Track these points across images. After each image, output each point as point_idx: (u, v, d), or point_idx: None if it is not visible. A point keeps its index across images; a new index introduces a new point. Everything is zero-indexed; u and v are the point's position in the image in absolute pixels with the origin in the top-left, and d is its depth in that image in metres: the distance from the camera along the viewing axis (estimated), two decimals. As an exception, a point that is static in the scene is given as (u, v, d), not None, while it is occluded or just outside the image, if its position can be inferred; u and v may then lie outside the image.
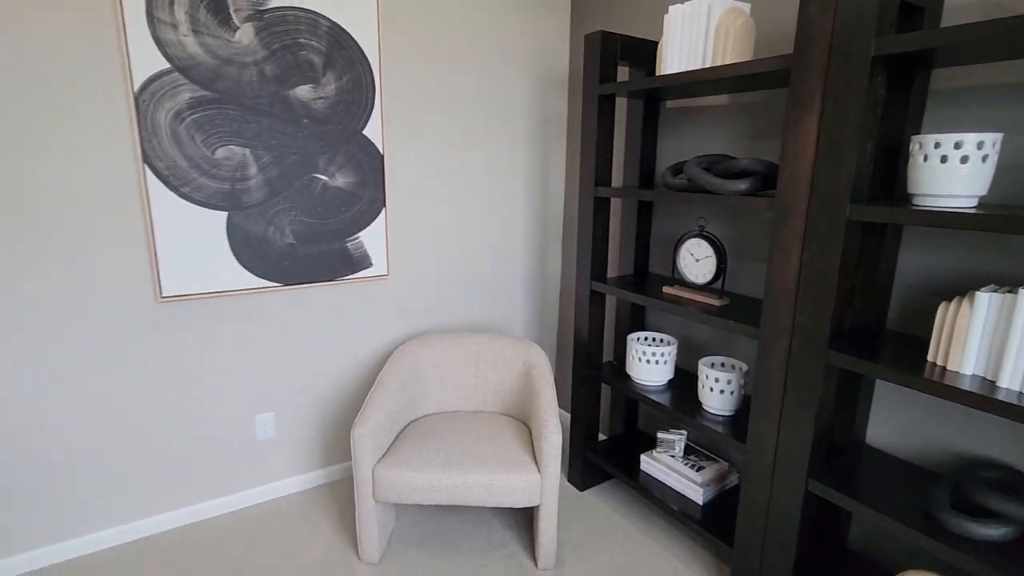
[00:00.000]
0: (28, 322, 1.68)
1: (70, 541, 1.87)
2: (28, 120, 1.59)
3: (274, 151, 1.95)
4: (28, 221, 1.63)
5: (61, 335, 1.74)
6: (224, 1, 1.77)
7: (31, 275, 1.66)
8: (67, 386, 1.78)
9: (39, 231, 1.65)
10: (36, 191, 1.63)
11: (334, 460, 2.38)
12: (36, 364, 1.72)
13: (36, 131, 1.60)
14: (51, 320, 1.72)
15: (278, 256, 2.04)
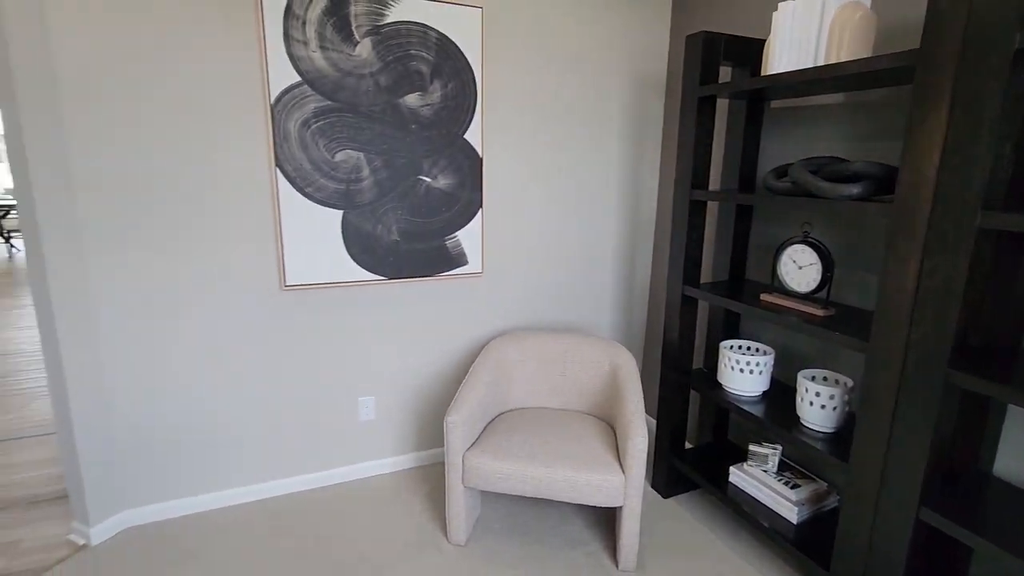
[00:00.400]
0: (183, 301, 1.96)
1: (201, 496, 2.14)
2: (193, 129, 1.84)
3: (384, 155, 2.12)
4: (186, 216, 1.90)
5: (207, 314, 2.00)
6: (348, 19, 1.95)
7: (188, 261, 1.93)
8: (209, 359, 2.04)
9: (194, 224, 1.91)
10: (195, 189, 1.89)
11: (425, 445, 2.52)
12: (188, 337, 1.99)
13: (197, 139, 1.86)
14: (201, 300, 1.98)
15: (384, 252, 2.20)
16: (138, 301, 1.90)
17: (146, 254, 1.88)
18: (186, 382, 2.03)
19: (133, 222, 1.84)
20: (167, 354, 1.98)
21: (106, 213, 1.81)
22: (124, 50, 1.73)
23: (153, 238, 1.88)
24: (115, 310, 1.88)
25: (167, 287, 1.93)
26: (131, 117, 1.77)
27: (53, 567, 1.82)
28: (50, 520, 2.06)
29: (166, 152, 1.84)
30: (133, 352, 1.93)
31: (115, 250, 1.84)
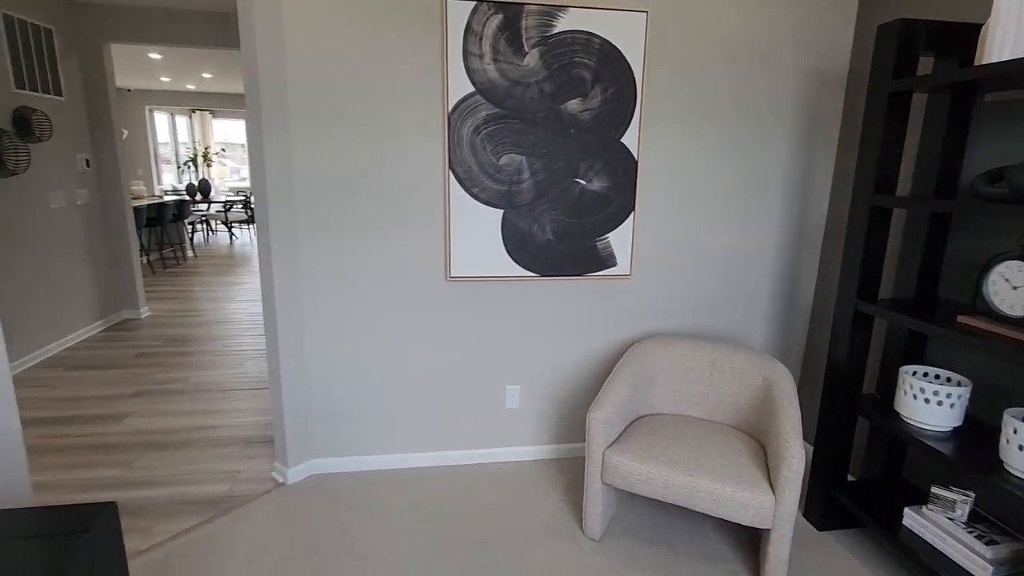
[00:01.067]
0: (365, 285, 2.27)
1: (370, 456, 2.45)
2: (385, 138, 2.13)
3: (544, 158, 2.23)
4: (374, 211, 2.20)
5: (384, 297, 2.29)
6: (519, 32, 2.09)
7: (372, 250, 2.24)
8: (383, 336, 2.34)
9: (380, 219, 2.21)
10: (382, 189, 2.18)
11: (565, 439, 2.60)
12: (368, 316, 2.30)
13: (387, 146, 2.14)
14: (380, 284, 2.28)
15: (538, 250, 2.32)
16: (331, 282, 2.24)
17: (341, 243, 2.21)
18: (363, 355, 2.35)
19: (333, 216, 2.18)
20: (350, 329, 2.31)
21: (314, 209, 2.16)
22: (335, 70, 2.05)
23: (348, 230, 2.20)
24: (314, 289, 2.24)
25: (355, 272, 2.25)
26: (336, 128, 2.10)
27: (261, 496, 2.24)
28: (259, 458, 2.52)
29: (362, 158, 2.14)
30: (324, 325, 2.28)
31: (318, 239, 2.19)
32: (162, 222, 6.89)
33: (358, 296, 2.28)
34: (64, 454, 2.53)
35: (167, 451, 2.58)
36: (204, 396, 3.18)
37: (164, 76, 8.21)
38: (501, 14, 2.07)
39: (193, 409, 3.02)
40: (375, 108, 2.10)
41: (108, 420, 2.87)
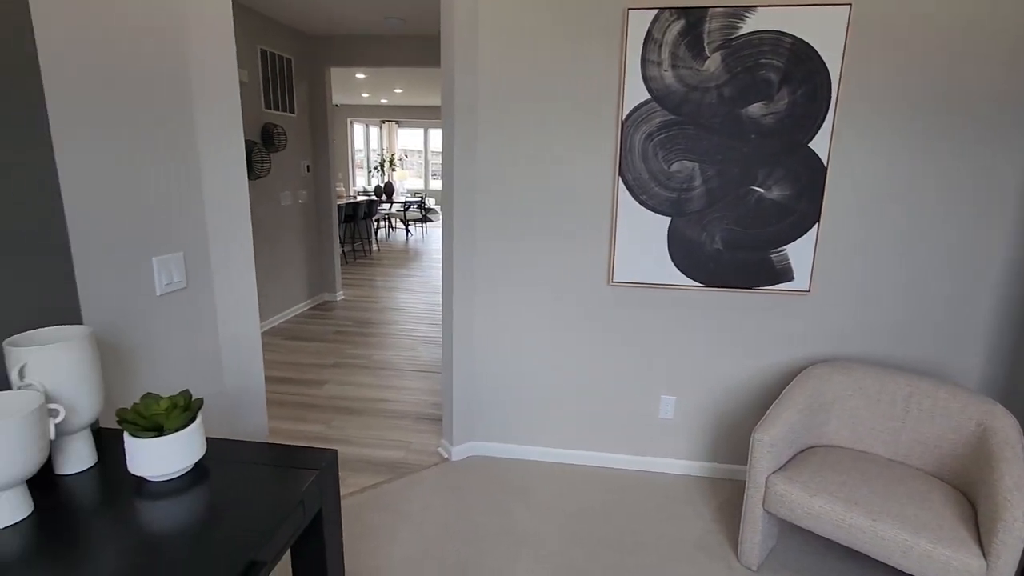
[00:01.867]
0: (532, 283, 2.41)
1: (526, 446, 2.59)
2: (558, 144, 2.25)
3: (718, 165, 2.16)
4: (544, 214, 2.33)
5: (548, 297, 2.42)
6: (701, 36, 2.05)
7: (540, 251, 2.37)
8: (545, 334, 2.46)
9: (549, 222, 2.33)
10: (552, 193, 2.30)
11: (721, 458, 2.48)
12: (532, 313, 2.44)
13: (561, 152, 2.26)
14: (545, 284, 2.40)
15: (705, 259, 2.25)
16: (501, 280, 2.42)
17: (511, 244, 2.38)
18: (526, 350, 2.49)
19: (506, 219, 2.35)
20: (515, 325, 2.46)
21: (490, 211, 2.35)
22: (518, 85, 2.21)
23: (518, 232, 2.36)
24: (487, 285, 2.44)
25: (522, 271, 2.40)
26: (515, 138, 2.26)
27: (429, 467, 2.50)
28: (428, 433, 2.82)
29: (535, 166, 2.28)
30: (493, 319, 2.47)
31: (492, 240, 2.39)
32: (355, 219, 7.95)
33: (524, 294, 2.43)
34: (282, 408, 3.09)
35: (355, 416, 3.00)
36: (383, 372, 3.63)
37: (364, 92, 9.46)
38: (683, 19, 2.05)
39: (375, 383, 3.46)
40: (550, 118, 2.22)
41: (312, 384, 3.43)
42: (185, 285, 1.51)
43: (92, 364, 1.03)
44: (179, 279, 1.49)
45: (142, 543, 0.85)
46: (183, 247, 1.49)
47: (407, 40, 4.76)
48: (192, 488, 1.01)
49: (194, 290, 1.55)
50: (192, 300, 1.54)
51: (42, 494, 0.96)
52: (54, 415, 0.95)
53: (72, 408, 0.99)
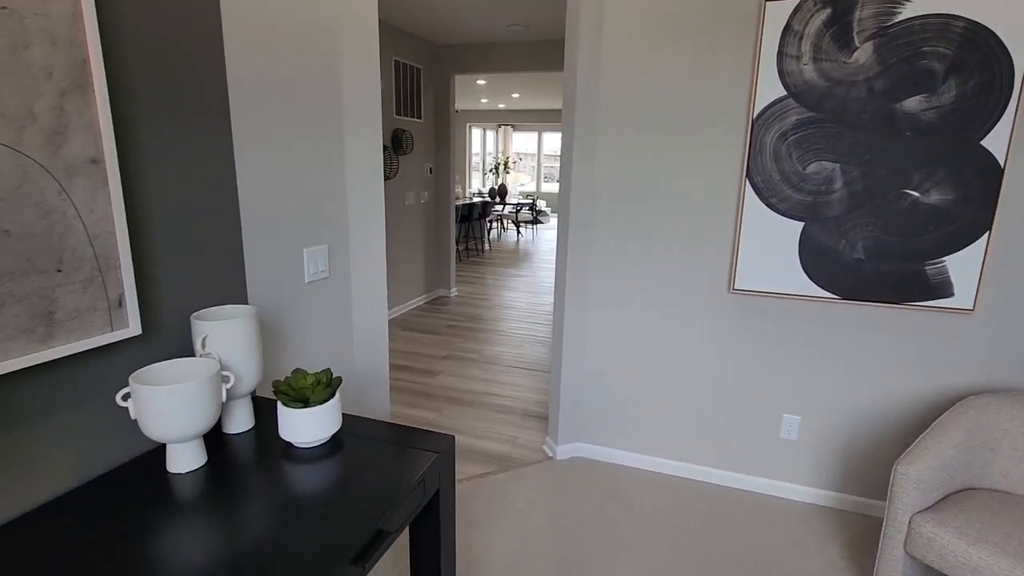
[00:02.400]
0: (645, 288, 2.36)
1: (628, 452, 2.54)
2: (682, 146, 2.18)
3: (864, 166, 1.96)
4: (661, 217, 2.27)
5: (661, 302, 2.35)
6: (849, 25, 1.88)
7: (655, 255, 2.31)
8: (657, 341, 2.40)
9: (666, 225, 2.27)
10: (672, 196, 2.23)
11: (852, 489, 2.25)
12: (644, 319, 2.39)
13: (683, 154, 2.18)
14: (660, 289, 2.34)
15: (843, 269, 2.05)
16: (615, 282, 2.39)
17: (627, 246, 2.34)
18: (637, 354, 2.44)
19: (623, 221, 2.32)
20: (628, 328, 2.42)
21: (607, 214, 2.34)
22: (640, 86, 2.18)
23: (635, 234, 2.32)
24: (600, 287, 2.42)
25: (637, 273, 2.35)
26: (634, 139, 2.23)
27: (533, 464, 2.55)
28: (534, 430, 2.87)
29: (654, 168, 2.23)
30: (605, 322, 2.45)
31: (608, 242, 2.37)
32: (469, 219, 8.27)
33: (638, 298, 2.38)
34: (398, 393, 3.31)
35: (465, 407, 3.13)
36: (492, 368, 3.75)
37: (484, 98, 9.80)
38: (829, 8, 1.88)
39: (484, 377, 3.58)
40: (673, 120, 2.16)
41: (427, 374, 3.63)
42: (328, 275, 1.68)
43: (256, 339, 1.19)
44: (323, 269, 1.66)
45: (288, 501, 0.97)
46: (328, 240, 1.66)
47: (527, 45, 4.87)
48: (330, 457, 1.12)
49: (335, 279, 1.72)
50: (333, 288, 1.71)
51: (213, 449, 1.13)
52: (226, 381, 1.11)
53: (239, 376, 1.15)
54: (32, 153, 0.84)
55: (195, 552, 0.83)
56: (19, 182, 0.83)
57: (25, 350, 0.86)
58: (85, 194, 0.92)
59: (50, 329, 0.89)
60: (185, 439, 1.02)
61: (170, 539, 0.86)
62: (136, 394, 0.95)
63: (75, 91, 0.89)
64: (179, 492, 0.98)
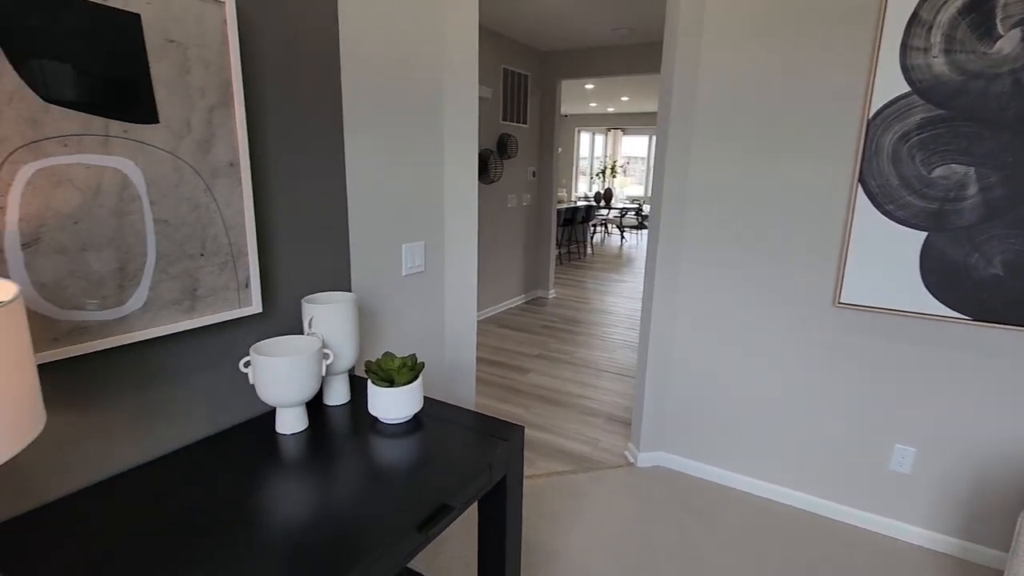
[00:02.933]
0: (739, 298, 2.26)
1: (718, 469, 2.44)
2: (784, 150, 2.07)
3: (1004, 169, 1.73)
4: (758, 224, 2.16)
5: (757, 313, 2.24)
6: (991, 12, 1.67)
7: (751, 263, 2.21)
8: (752, 354, 2.29)
9: (764, 232, 2.16)
10: (772, 203, 2.12)
11: (976, 537, 1.98)
12: (738, 330, 2.29)
13: (786, 158, 2.07)
14: (755, 299, 2.23)
15: (974, 286, 1.82)
16: (704, 290, 2.32)
17: (720, 254, 2.26)
18: (727, 366, 2.34)
19: (717, 227, 2.24)
20: (717, 338, 2.34)
21: (699, 219, 2.27)
22: (741, 87, 2.09)
23: (727, 241, 2.23)
24: (689, 295, 2.36)
25: (729, 282, 2.26)
26: (731, 142, 2.14)
27: (614, 468, 2.54)
28: (616, 435, 2.85)
29: (753, 172, 2.13)
30: (693, 330, 2.38)
31: (699, 248, 2.30)
32: (572, 223, 8.31)
33: (730, 307, 2.28)
34: (488, 387, 3.45)
35: (552, 406, 3.18)
36: (582, 370, 3.76)
37: (592, 102, 9.79)
38: (966, -5, 1.69)
39: (574, 379, 3.61)
40: (773, 121, 2.05)
41: (518, 371, 3.73)
42: (423, 269, 1.83)
43: (354, 323, 1.34)
44: (419, 263, 1.80)
45: (370, 468, 1.09)
46: (424, 237, 1.81)
47: (634, 48, 4.81)
48: (410, 434, 1.24)
49: (429, 274, 1.86)
50: (427, 282, 1.86)
51: (314, 416, 1.29)
52: (326, 358, 1.27)
53: (338, 354, 1.30)
54: (187, 158, 1.03)
55: (292, 498, 0.97)
56: (176, 182, 1.02)
57: (175, 319, 1.06)
58: (224, 192, 1.11)
59: (194, 303, 1.09)
60: (291, 405, 1.18)
61: (274, 485, 1.01)
62: (254, 363, 1.13)
63: (221, 106, 1.08)
64: (284, 450, 1.14)
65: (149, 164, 0.97)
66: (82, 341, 0.92)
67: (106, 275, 0.94)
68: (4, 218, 0.81)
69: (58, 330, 0.89)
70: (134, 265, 0.98)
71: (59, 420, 0.94)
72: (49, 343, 0.88)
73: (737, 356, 2.31)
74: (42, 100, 0.83)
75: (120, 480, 1.01)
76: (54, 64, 0.84)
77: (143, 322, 1.01)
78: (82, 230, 0.90)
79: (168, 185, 1.01)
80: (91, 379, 0.97)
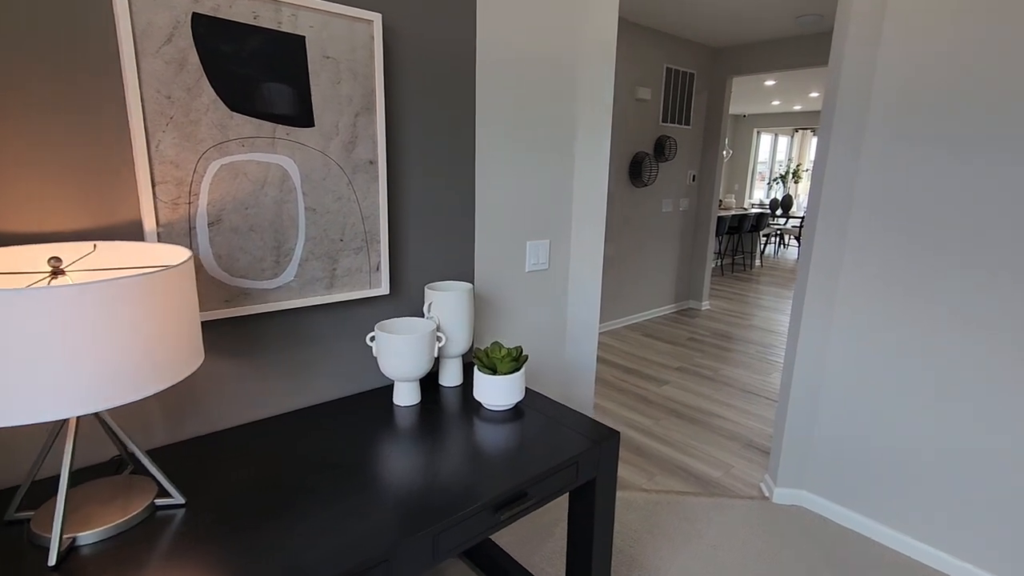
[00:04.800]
0: (908, 326, 1.90)
1: (873, 522, 2.09)
2: (991, 145, 1.70)
3: None
4: (944, 239, 1.80)
5: (932, 347, 1.86)
6: None
7: (928, 290, 1.85)
8: (922, 393, 1.91)
9: (944, 255, 1.79)
10: (969, 213, 1.75)
11: None
12: (906, 366, 1.94)
13: (994, 156, 1.69)
14: (930, 330, 1.86)
15: None
16: (868, 314, 1.99)
17: (889, 273, 1.92)
18: (891, 405, 1.99)
19: (886, 238, 1.91)
20: (879, 371, 1.99)
21: (866, 229, 1.96)
22: (930, 73, 1.75)
23: (898, 256, 1.89)
24: (847, 316, 2.05)
25: (898, 307, 1.91)
26: (914, 143, 1.80)
27: (744, 499, 2.32)
28: (752, 463, 2.59)
29: (943, 174, 1.77)
30: (850, 359, 2.06)
31: (864, 263, 1.98)
32: (740, 231, 7.68)
33: (897, 336, 1.93)
34: (617, 393, 3.38)
35: (685, 422, 3.01)
36: (726, 389, 3.48)
37: (775, 100, 8.91)
38: None
39: (714, 396, 3.36)
40: (978, 113, 1.68)
41: (653, 381, 3.59)
42: (547, 267, 1.87)
43: (468, 311, 1.43)
44: (543, 261, 1.85)
45: (465, 446, 1.17)
46: (550, 236, 1.85)
47: (822, 37, 4.28)
48: (507, 422, 1.29)
49: (553, 272, 1.90)
50: (550, 280, 1.90)
51: (427, 393, 1.42)
52: (439, 340, 1.38)
53: (451, 338, 1.41)
54: (335, 157, 1.21)
55: (394, 458, 1.09)
56: (324, 176, 1.20)
57: (318, 292, 1.25)
58: (363, 186, 1.27)
59: (332, 281, 1.27)
60: (406, 379, 1.31)
61: (383, 447, 1.14)
62: (378, 338, 1.28)
63: (364, 112, 1.24)
64: (397, 419, 1.28)
65: (304, 161, 1.16)
66: (246, 304, 1.14)
67: (266, 252, 1.15)
68: (198, 202, 1.04)
69: (229, 293, 1.12)
70: (287, 245, 1.18)
71: (227, 363, 1.17)
72: (221, 303, 1.11)
73: (902, 390, 1.94)
74: (229, 109, 1.05)
75: (268, 423, 1.23)
76: (239, 80, 1.05)
77: (292, 293, 1.21)
78: (251, 214, 1.11)
79: (318, 179, 1.19)
80: (250, 334, 1.19)
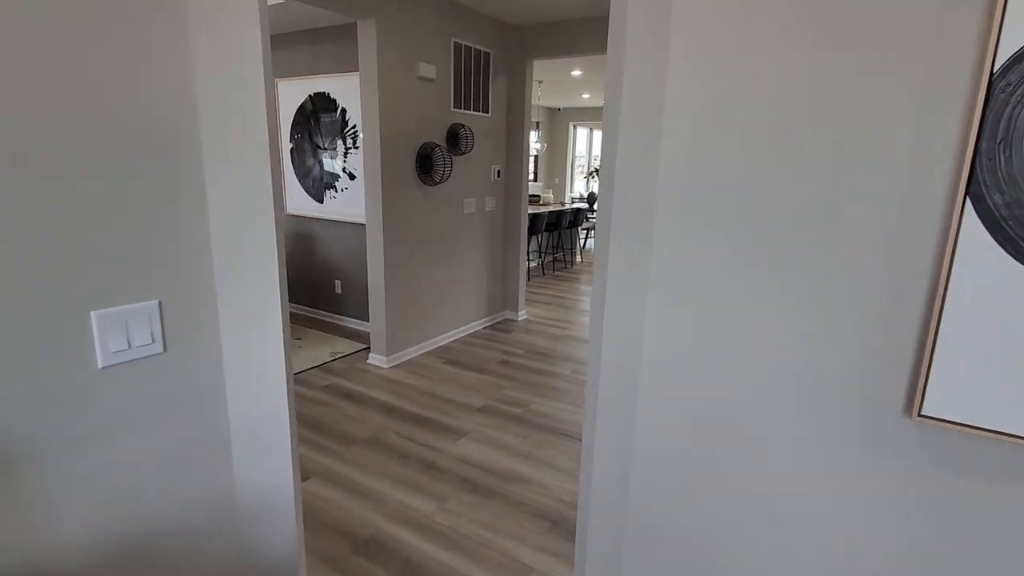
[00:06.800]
0: (740, 383, 1.36)
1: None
2: (812, 136, 1.17)
3: None
4: (762, 253, 1.27)
5: (762, 415, 1.34)
6: None
7: (752, 316, 1.32)
8: (756, 487, 1.39)
9: (770, 271, 1.26)
10: (791, 221, 1.23)
11: None
12: (735, 439, 1.40)
13: (818, 149, 1.17)
14: (769, 399, 1.34)
15: None
16: (691, 359, 1.43)
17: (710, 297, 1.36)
18: (716, 503, 1.45)
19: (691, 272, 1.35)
20: (705, 443, 1.44)
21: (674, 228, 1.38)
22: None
23: (713, 270, 1.34)
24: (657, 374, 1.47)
25: (724, 353, 1.37)
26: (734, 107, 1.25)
27: (541, 631, 1.65)
28: (559, 559, 1.92)
29: (764, 164, 1.23)
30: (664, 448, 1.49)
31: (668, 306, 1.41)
32: (558, 228, 7.41)
33: (727, 392, 1.39)
34: (402, 463, 2.57)
35: (479, 498, 2.30)
36: (536, 434, 2.88)
37: (585, 93, 8.89)
38: None
39: (519, 448, 2.73)
40: (805, 80, 1.15)
41: (448, 434, 2.85)
42: (162, 349, 0.96)
43: None
44: (146, 342, 0.93)
45: None
46: (159, 293, 0.93)
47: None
48: None
49: (176, 353, 0.99)
50: (170, 369, 0.98)
51: None
52: None
53: None
54: None
55: None
56: None
57: None
58: None
59: None
60: None
61: None
62: None
63: None
64: None
65: None
66: None
67: None
68: None
69: None
70: None
71: None
72: None
73: (731, 478, 1.41)
74: None
75: None
76: None
77: None
78: None
79: None
80: None
